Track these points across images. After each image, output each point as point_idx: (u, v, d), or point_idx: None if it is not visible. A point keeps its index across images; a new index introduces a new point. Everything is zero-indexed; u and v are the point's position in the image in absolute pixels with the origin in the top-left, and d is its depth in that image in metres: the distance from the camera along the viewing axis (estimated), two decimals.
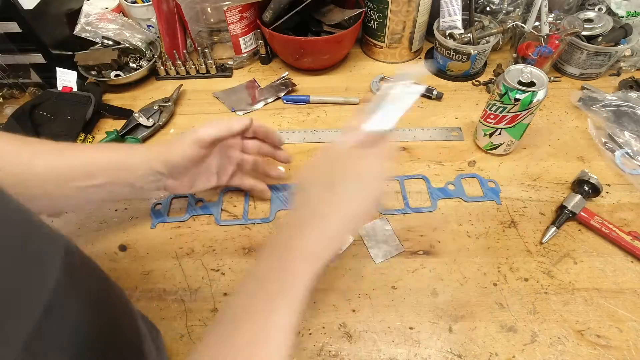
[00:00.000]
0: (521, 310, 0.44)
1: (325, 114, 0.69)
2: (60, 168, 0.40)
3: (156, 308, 0.46)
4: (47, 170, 0.40)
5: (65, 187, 0.40)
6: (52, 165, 0.40)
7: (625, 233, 0.49)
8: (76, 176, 0.41)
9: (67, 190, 0.41)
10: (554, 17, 0.70)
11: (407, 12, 0.70)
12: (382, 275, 0.48)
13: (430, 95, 0.70)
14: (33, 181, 0.39)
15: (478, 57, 0.70)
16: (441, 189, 0.56)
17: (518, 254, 0.49)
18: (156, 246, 0.52)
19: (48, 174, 0.40)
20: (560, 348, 0.42)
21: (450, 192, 0.56)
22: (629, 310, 0.44)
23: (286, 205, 0.55)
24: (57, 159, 0.41)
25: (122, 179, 0.43)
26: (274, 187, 0.57)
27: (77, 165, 0.41)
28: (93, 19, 0.73)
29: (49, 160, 0.40)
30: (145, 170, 0.44)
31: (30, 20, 0.64)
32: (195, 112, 0.71)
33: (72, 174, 0.41)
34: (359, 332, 0.44)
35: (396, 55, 0.78)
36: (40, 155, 0.40)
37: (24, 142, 0.40)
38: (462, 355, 0.41)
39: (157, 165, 0.45)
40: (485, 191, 0.56)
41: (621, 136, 0.60)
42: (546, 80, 0.51)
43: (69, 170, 0.41)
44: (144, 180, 0.45)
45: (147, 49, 0.77)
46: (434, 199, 0.55)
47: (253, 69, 0.79)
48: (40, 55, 0.69)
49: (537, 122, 0.65)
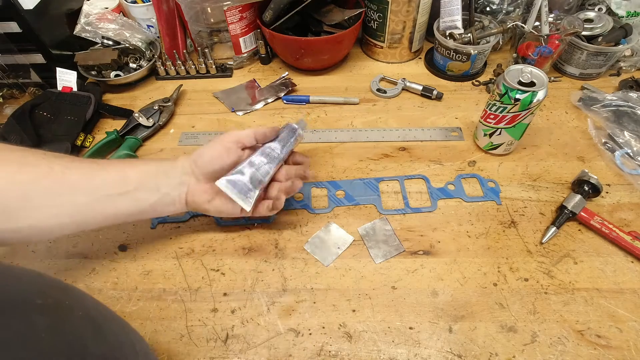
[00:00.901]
0: (521, 310, 0.44)
1: (325, 114, 0.69)
2: (94, 175, 0.41)
3: (156, 308, 0.46)
4: (81, 179, 0.40)
5: (95, 196, 0.40)
6: (87, 172, 0.40)
7: (625, 233, 0.49)
8: (109, 183, 0.41)
9: (96, 200, 0.40)
10: (554, 17, 0.70)
11: (407, 12, 0.70)
12: (382, 275, 0.48)
13: (430, 95, 0.70)
14: (63, 189, 0.39)
15: (478, 57, 0.70)
16: (441, 189, 0.56)
17: (518, 254, 0.49)
18: (156, 246, 0.52)
19: (81, 182, 0.40)
20: (560, 348, 0.42)
21: (450, 192, 0.56)
22: (629, 310, 0.44)
23: (285, 205, 0.55)
24: (91, 169, 0.41)
25: (152, 182, 0.43)
26: None
27: (112, 172, 0.42)
28: (93, 19, 0.73)
29: (83, 169, 0.41)
30: (173, 171, 0.45)
31: (30, 20, 0.64)
32: (195, 112, 0.71)
33: (104, 180, 0.41)
34: (359, 332, 0.44)
35: (396, 55, 0.78)
36: (73, 167, 0.40)
37: (54, 155, 0.40)
38: (462, 356, 0.41)
39: (185, 164, 0.45)
40: (485, 191, 0.56)
41: (621, 136, 0.60)
42: (546, 80, 0.51)
43: (102, 177, 0.41)
44: (171, 183, 0.44)
45: (147, 49, 0.77)
46: (434, 199, 0.55)
47: (253, 69, 0.79)
48: (40, 55, 0.69)
49: (537, 122, 0.65)
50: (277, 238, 0.52)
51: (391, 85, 0.74)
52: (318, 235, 0.52)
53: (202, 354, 0.42)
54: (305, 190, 0.57)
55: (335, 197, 0.56)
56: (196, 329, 0.44)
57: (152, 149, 0.64)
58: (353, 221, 0.53)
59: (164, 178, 0.44)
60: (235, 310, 0.46)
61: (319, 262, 0.49)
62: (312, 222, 0.53)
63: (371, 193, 0.56)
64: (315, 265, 0.49)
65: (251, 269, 0.49)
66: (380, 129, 0.65)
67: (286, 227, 0.53)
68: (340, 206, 0.55)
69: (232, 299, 0.47)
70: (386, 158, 0.61)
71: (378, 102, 0.71)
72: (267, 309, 0.46)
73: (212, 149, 0.45)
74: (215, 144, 0.45)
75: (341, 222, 0.53)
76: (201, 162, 0.45)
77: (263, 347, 0.43)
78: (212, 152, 0.45)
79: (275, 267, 0.49)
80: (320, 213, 0.54)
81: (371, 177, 0.58)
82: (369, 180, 0.58)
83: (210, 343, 0.43)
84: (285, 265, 0.49)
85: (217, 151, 0.44)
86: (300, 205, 0.55)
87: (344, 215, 0.54)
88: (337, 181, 0.58)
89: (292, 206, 0.55)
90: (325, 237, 0.52)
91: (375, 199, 0.55)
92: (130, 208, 0.42)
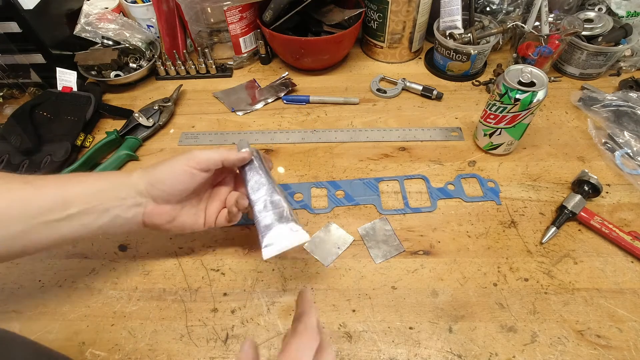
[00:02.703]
0: (521, 310, 0.44)
1: (325, 114, 0.69)
2: (28, 200, 0.35)
3: (156, 308, 0.46)
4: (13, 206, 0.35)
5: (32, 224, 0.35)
6: (18, 198, 0.35)
7: (625, 233, 0.49)
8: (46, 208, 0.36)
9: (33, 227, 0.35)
10: (554, 17, 0.70)
11: (407, 12, 0.70)
12: (382, 275, 0.48)
13: (430, 95, 0.70)
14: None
15: (478, 57, 0.70)
16: (441, 189, 0.56)
17: (518, 254, 0.49)
18: (156, 246, 0.52)
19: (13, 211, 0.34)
20: (560, 348, 0.42)
21: (450, 192, 0.56)
22: (629, 310, 0.44)
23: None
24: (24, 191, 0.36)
25: (100, 205, 0.38)
26: None
27: (48, 194, 0.36)
28: (93, 19, 0.73)
29: (15, 195, 0.35)
30: (126, 191, 0.40)
31: (30, 20, 0.64)
32: (195, 112, 0.71)
33: (41, 207, 0.36)
34: (359, 332, 0.44)
35: (396, 55, 0.78)
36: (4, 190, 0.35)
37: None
38: (462, 355, 0.41)
39: (140, 184, 0.40)
40: (485, 191, 0.56)
41: (621, 136, 0.60)
42: (546, 80, 0.51)
43: (38, 203, 0.36)
44: (124, 204, 0.39)
45: (147, 49, 0.77)
46: (434, 199, 0.55)
47: (253, 69, 0.79)
48: (40, 55, 0.69)
49: (537, 122, 0.65)
50: None
51: (391, 85, 0.74)
52: (318, 235, 0.52)
53: (202, 354, 0.42)
54: (305, 190, 0.57)
55: (335, 197, 0.56)
56: (196, 329, 0.44)
57: (152, 149, 0.64)
58: (353, 221, 0.53)
59: (114, 199, 0.39)
60: (235, 310, 0.46)
61: (319, 262, 0.49)
62: (312, 222, 0.53)
63: (371, 193, 0.56)
64: (315, 265, 0.49)
65: (251, 269, 0.49)
66: (380, 129, 0.65)
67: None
68: (340, 206, 0.55)
69: (232, 299, 0.47)
70: (386, 158, 0.61)
71: (378, 102, 0.71)
72: (267, 309, 0.46)
73: (174, 173, 0.40)
74: (176, 168, 0.40)
75: (341, 222, 0.53)
76: (161, 187, 0.40)
77: (263, 347, 0.43)
78: (173, 177, 0.40)
79: (275, 267, 0.49)
80: (320, 213, 0.54)
81: (371, 177, 0.58)
82: (369, 180, 0.58)
83: (210, 343, 0.43)
84: (285, 265, 0.49)
85: (179, 176, 0.40)
86: (300, 205, 0.55)
87: (344, 215, 0.54)
88: (337, 181, 0.58)
89: (292, 206, 0.55)
90: (325, 237, 0.52)
91: (375, 199, 0.55)
92: (76, 232, 0.38)
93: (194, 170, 0.40)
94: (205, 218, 0.45)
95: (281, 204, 0.41)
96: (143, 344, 0.43)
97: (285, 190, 0.57)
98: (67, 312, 0.46)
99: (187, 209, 0.44)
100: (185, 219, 0.43)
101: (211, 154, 0.41)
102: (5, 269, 0.50)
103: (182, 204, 0.43)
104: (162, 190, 0.40)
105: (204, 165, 0.41)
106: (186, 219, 0.44)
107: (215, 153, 0.41)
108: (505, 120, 0.54)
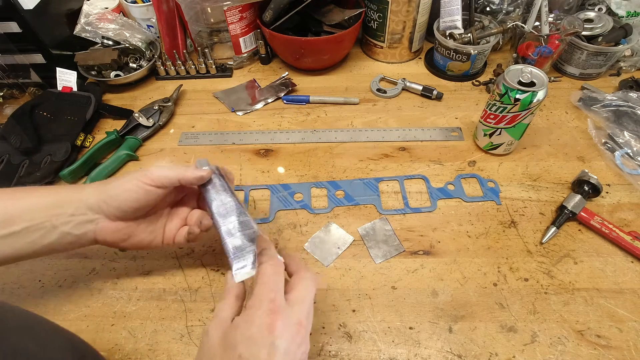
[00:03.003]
0: (521, 310, 0.44)
1: (325, 114, 0.69)
2: None
3: (156, 308, 0.46)
4: None
5: None
6: None
7: (625, 233, 0.49)
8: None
9: None
10: (554, 17, 0.70)
11: (407, 12, 0.70)
12: (382, 275, 0.48)
13: (430, 95, 0.70)
14: None
15: (478, 57, 0.70)
16: (441, 189, 0.56)
17: (518, 254, 0.49)
18: None
19: None
20: (560, 348, 0.42)
21: (450, 192, 0.56)
22: (629, 310, 0.44)
23: (285, 205, 0.55)
24: None
25: (47, 221, 0.36)
26: (273, 187, 0.57)
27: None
28: (93, 19, 0.73)
29: None
30: (76, 206, 0.38)
31: (30, 20, 0.64)
32: (195, 112, 0.71)
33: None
34: (359, 332, 0.44)
35: (396, 55, 0.78)
36: None
37: None
38: (462, 355, 0.41)
39: (91, 199, 0.38)
40: (485, 191, 0.56)
41: (621, 136, 0.60)
42: (546, 80, 0.51)
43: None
44: (74, 221, 0.38)
45: (147, 49, 0.77)
46: (434, 199, 0.55)
47: (253, 69, 0.79)
48: (40, 55, 0.69)
49: (537, 122, 0.65)
50: (277, 238, 0.52)
51: (391, 85, 0.74)
52: (318, 235, 0.52)
53: None
54: (305, 190, 0.57)
55: (335, 197, 0.56)
56: (196, 329, 0.44)
57: (152, 149, 0.64)
58: (353, 221, 0.53)
59: (62, 215, 0.37)
60: None
61: (319, 262, 0.49)
62: (311, 222, 0.53)
63: (371, 193, 0.56)
64: (315, 265, 0.49)
65: None
66: (380, 129, 0.65)
67: (286, 227, 0.53)
68: (340, 206, 0.55)
69: None
70: (386, 158, 0.61)
71: (378, 102, 0.71)
72: None
73: (128, 190, 0.38)
74: (130, 184, 0.38)
75: (341, 222, 0.53)
76: (114, 203, 0.38)
77: None
78: (127, 194, 0.38)
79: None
80: (320, 213, 0.54)
81: (371, 177, 0.58)
82: (369, 180, 0.58)
83: None
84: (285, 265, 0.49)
85: (134, 194, 0.38)
86: (300, 205, 0.55)
87: (344, 215, 0.54)
88: (337, 181, 0.58)
89: (291, 206, 0.55)
90: (325, 237, 0.52)
91: (375, 199, 0.55)
92: (21, 251, 0.36)
93: (148, 187, 0.38)
94: (163, 236, 0.43)
95: (251, 225, 0.39)
96: (143, 344, 0.43)
97: (285, 190, 0.57)
98: (67, 312, 0.46)
99: (143, 227, 0.42)
100: (143, 237, 0.42)
101: (167, 172, 0.39)
102: (5, 268, 0.50)
103: (138, 222, 0.41)
104: (115, 207, 0.39)
105: (159, 182, 0.39)
106: (143, 237, 0.42)
107: (171, 171, 0.39)
108: (505, 120, 0.54)
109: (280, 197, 0.56)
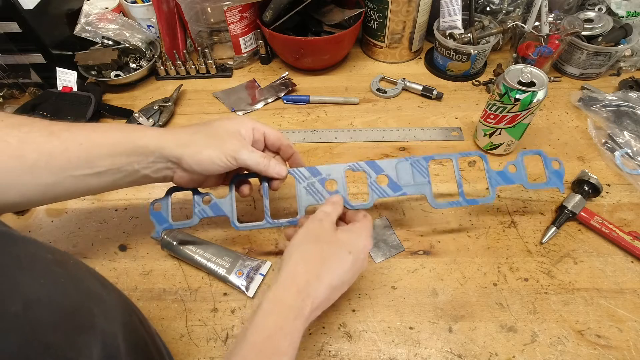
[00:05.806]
0: (521, 310, 0.44)
1: (325, 114, 0.69)
2: (55, 155, 0.36)
3: (156, 308, 0.46)
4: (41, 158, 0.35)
5: (61, 176, 0.36)
6: (45, 151, 0.35)
7: (625, 233, 0.49)
8: (74, 164, 0.36)
9: (64, 180, 0.36)
10: (554, 17, 0.70)
11: (407, 12, 0.70)
12: (382, 275, 0.48)
13: (430, 95, 0.70)
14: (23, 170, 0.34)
15: (478, 57, 0.70)
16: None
17: (518, 254, 0.49)
18: (156, 246, 0.51)
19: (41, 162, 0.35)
20: (560, 348, 0.42)
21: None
22: (629, 310, 0.44)
23: (315, 198, 0.47)
24: (50, 144, 0.36)
25: (128, 166, 0.39)
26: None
27: (74, 151, 0.36)
28: (93, 19, 0.73)
29: (41, 145, 0.35)
30: (157, 155, 0.39)
31: (30, 20, 0.64)
32: (195, 112, 0.71)
33: (69, 162, 0.36)
34: (359, 332, 0.44)
35: (396, 55, 0.78)
36: (30, 141, 0.35)
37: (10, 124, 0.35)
38: (462, 355, 0.41)
39: (173, 152, 0.39)
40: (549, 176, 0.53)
41: (621, 136, 0.60)
42: (546, 80, 0.51)
43: (66, 158, 0.36)
44: (153, 167, 0.40)
45: (147, 49, 0.77)
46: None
47: (253, 69, 0.79)
48: (40, 55, 0.69)
49: (537, 122, 0.65)
50: (277, 238, 0.52)
51: (391, 85, 0.74)
52: None
53: (202, 354, 0.42)
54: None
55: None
56: (196, 329, 0.44)
57: None
58: None
59: (143, 162, 0.39)
60: (235, 310, 0.46)
61: None
62: None
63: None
64: None
65: None
66: (380, 129, 0.65)
67: (286, 227, 0.53)
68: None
69: (232, 299, 0.47)
70: (386, 158, 0.61)
71: (378, 102, 0.71)
72: None
73: (213, 163, 0.40)
74: (216, 158, 0.40)
75: None
76: (195, 167, 0.40)
77: None
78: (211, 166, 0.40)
79: (275, 267, 0.49)
80: None
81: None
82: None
83: (210, 343, 0.43)
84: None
85: (217, 167, 0.40)
86: None
87: None
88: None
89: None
90: None
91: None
92: (105, 186, 0.39)
93: (231, 164, 0.40)
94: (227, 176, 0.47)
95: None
96: None
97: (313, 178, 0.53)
98: None
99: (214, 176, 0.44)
100: (214, 182, 0.45)
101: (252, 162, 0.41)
102: None
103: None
104: (194, 169, 0.40)
105: (242, 164, 0.41)
106: (215, 182, 0.45)
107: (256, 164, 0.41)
108: (505, 120, 0.54)
109: (307, 186, 0.54)
